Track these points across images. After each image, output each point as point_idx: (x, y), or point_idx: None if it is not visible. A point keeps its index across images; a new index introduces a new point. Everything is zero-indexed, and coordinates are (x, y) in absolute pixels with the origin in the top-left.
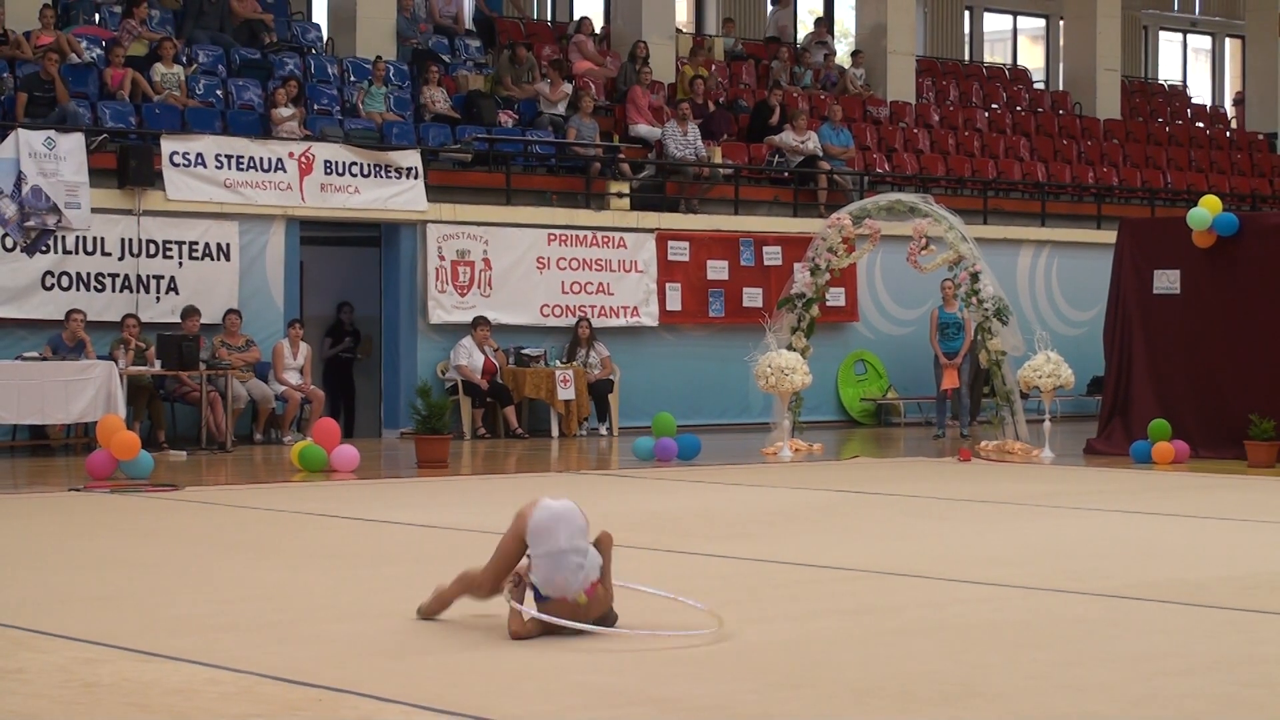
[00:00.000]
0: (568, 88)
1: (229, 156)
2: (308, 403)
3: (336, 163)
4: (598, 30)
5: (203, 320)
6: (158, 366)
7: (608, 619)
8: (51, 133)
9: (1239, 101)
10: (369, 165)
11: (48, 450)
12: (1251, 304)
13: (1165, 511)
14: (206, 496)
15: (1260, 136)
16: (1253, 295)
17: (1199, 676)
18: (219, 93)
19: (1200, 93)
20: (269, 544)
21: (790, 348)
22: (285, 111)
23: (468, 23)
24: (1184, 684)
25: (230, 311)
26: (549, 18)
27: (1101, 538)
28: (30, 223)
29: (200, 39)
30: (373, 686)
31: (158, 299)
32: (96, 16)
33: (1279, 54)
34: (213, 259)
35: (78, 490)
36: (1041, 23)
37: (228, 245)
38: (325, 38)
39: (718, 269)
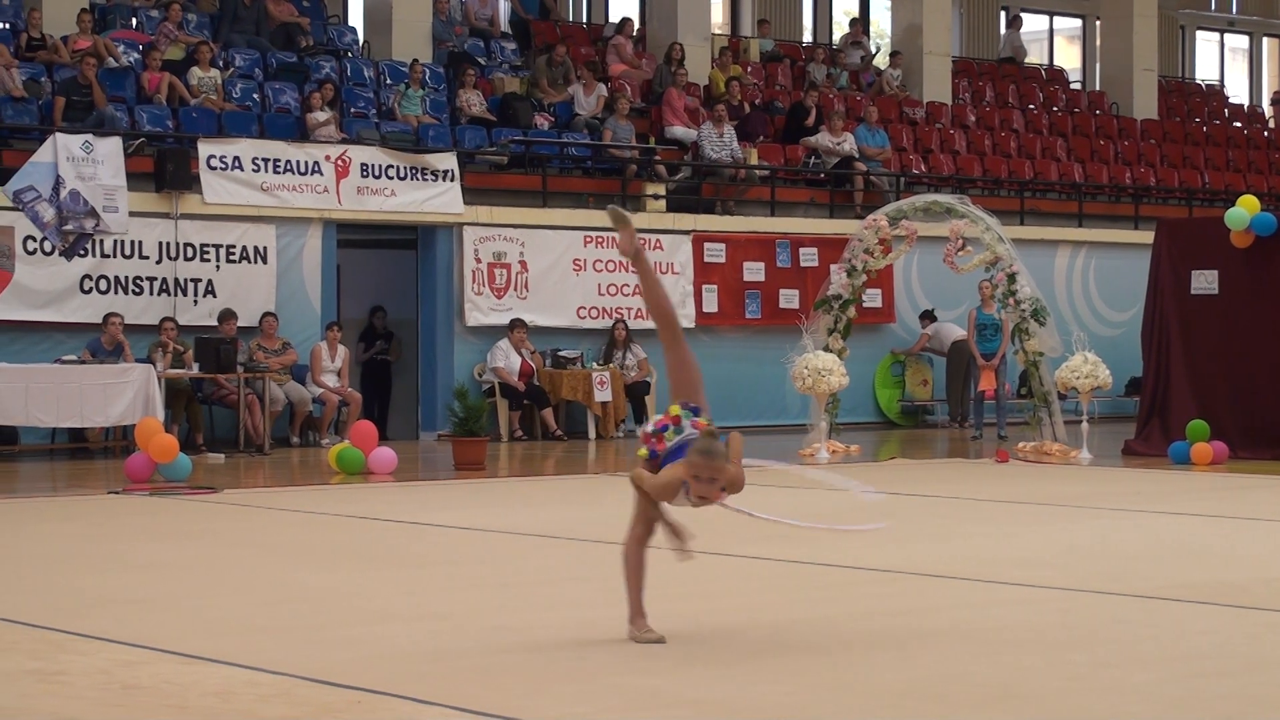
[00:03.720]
0: (602, 90)
1: (266, 160)
2: (345, 405)
3: (373, 165)
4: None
5: (240, 323)
6: (195, 369)
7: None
8: (89, 137)
9: (1276, 101)
10: (405, 168)
11: (86, 453)
12: None
13: (1204, 513)
14: (244, 499)
15: None
16: None
17: (1237, 678)
18: (255, 96)
19: (1237, 92)
20: (307, 546)
21: (827, 349)
22: (321, 116)
23: (503, 25)
24: (1222, 686)
25: (267, 314)
26: (584, 20)
27: (1139, 539)
28: (68, 226)
29: (236, 42)
30: (410, 689)
31: (195, 302)
32: (134, 21)
33: None
34: (250, 262)
35: (116, 493)
36: (1078, 23)
37: (265, 248)
38: (361, 41)
39: (754, 270)
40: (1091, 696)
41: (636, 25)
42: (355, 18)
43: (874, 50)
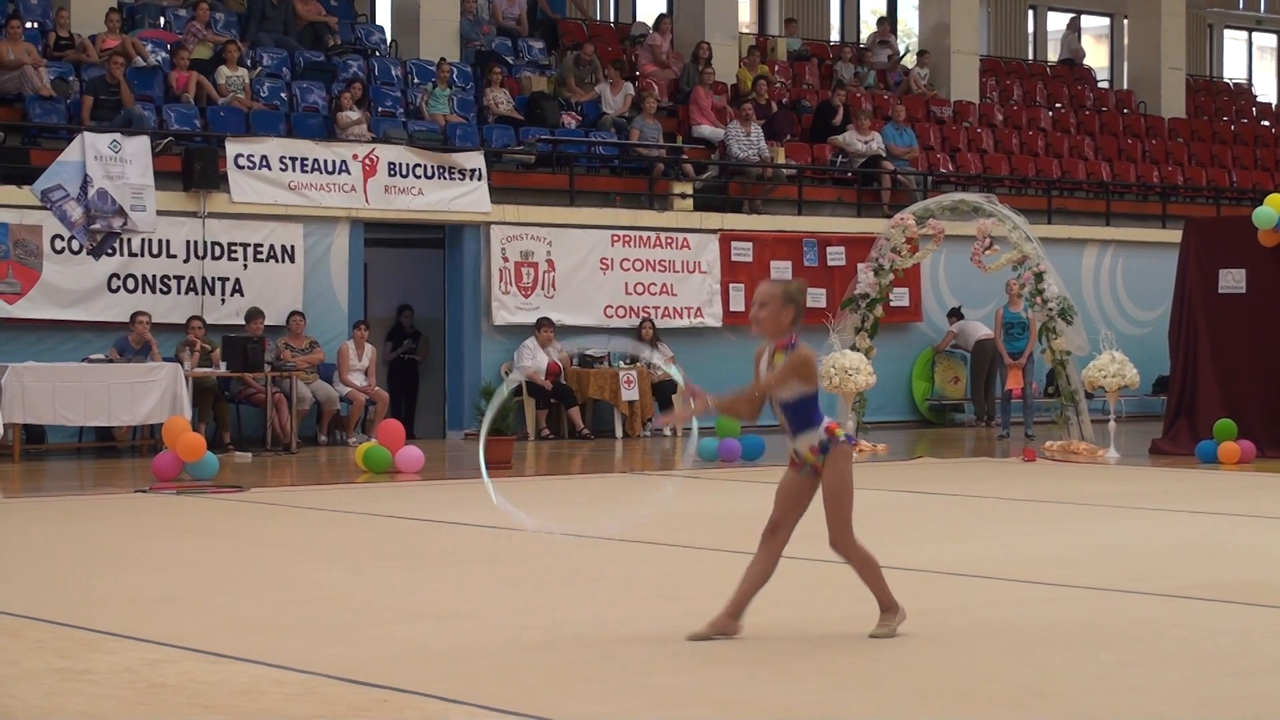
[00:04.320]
0: (629, 89)
1: (293, 159)
2: (372, 404)
3: (400, 164)
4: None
5: (267, 322)
6: (223, 368)
7: None
8: (117, 136)
9: None
10: (432, 167)
11: (114, 452)
12: None
13: (1231, 512)
14: (271, 498)
15: None
16: None
17: (1266, 677)
18: (283, 95)
19: (1265, 91)
20: (334, 545)
21: (854, 348)
22: (353, 115)
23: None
24: (1250, 685)
25: (295, 313)
26: (612, 19)
27: (1167, 538)
28: (96, 225)
29: (264, 42)
30: (438, 687)
31: (223, 301)
32: (162, 20)
33: None
34: (277, 261)
35: (144, 492)
36: (1106, 21)
37: (292, 247)
38: (389, 40)
39: (781, 269)
40: (1118, 696)
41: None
42: (383, 17)
43: (903, 51)
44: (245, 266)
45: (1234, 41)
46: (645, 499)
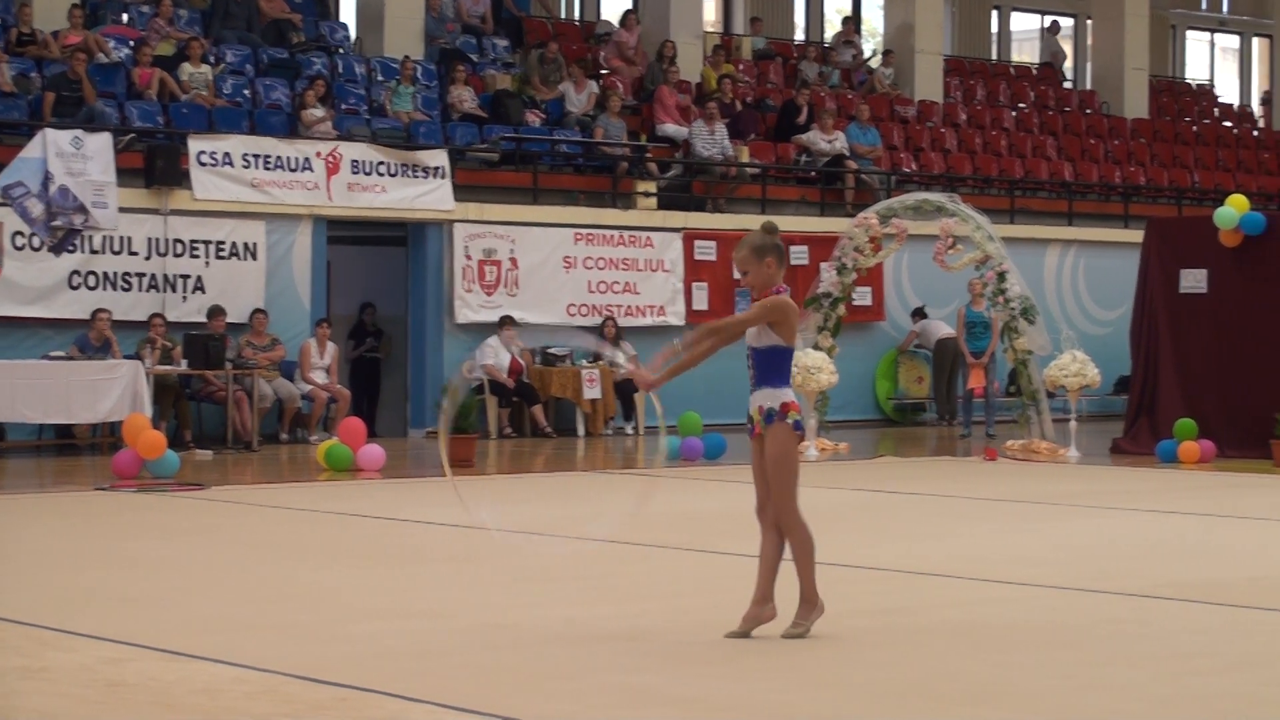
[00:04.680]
0: (594, 87)
1: (256, 156)
2: (334, 402)
3: (363, 162)
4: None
5: (229, 320)
6: (184, 366)
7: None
8: (79, 132)
9: (1266, 101)
10: (396, 165)
11: (74, 449)
12: (1278, 303)
13: (1192, 511)
14: (232, 496)
15: None
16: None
17: (1228, 676)
18: (246, 92)
19: (1227, 92)
20: (295, 543)
21: (817, 347)
22: (317, 112)
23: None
24: (1212, 684)
25: (257, 311)
26: (576, 17)
27: (1128, 537)
28: (57, 222)
29: (228, 38)
30: (399, 686)
31: (184, 298)
32: (124, 16)
33: None
34: (239, 258)
35: (104, 489)
36: (1069, 22)
37: (254, 245)
38: (353, 37)
39: None
40: (1081, 695)
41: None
42: (347, 14)
43: (869, 54)
44: (207, 264)
45: (1197, 42)
46: (634, 499)
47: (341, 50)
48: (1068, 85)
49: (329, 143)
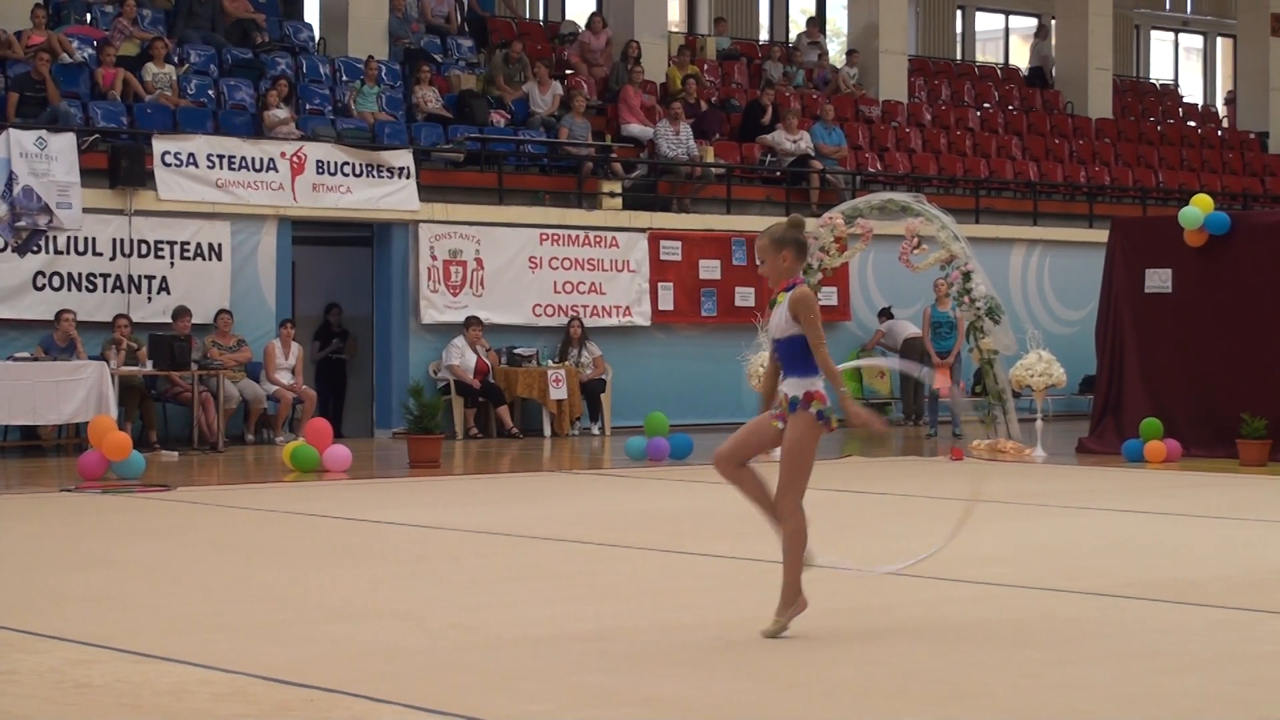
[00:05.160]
0: (558, 87)
1: (221, 156)
2: (300, 403)
3: (328, 162)
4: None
5: (194, 320)
6: (149, 367)
7: None
8: (43, 133)
9: (1230, 100)
10: (361, 165)
11: (39, 451)
12: (1243, 303)
13: (1158, 510)
14: (198, 497)
15: (1251, 135)
16: (1244, 294)
17: (1193, 675)
18: (211, 92)
19: (1192, 92)
20: (261, 544)
21: None
22: (280, 113)
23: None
24: (1177, 683)
25: (222, 312)
26: (541, 17)
27: (1094, 537)
28: (21, 223)
29: (192, 39)
30: (366, 687)
31: (149, 299)
32: (88, 16)
33: (1270, 53)
34: (204, 259)
35: (69, 491)
36: (1034, 21)
37: (219, 245)
38: (317, 37)
39: (710, 268)
40: (1047, 694)
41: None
42: (311, 14)
43: (841, 67)
44: (172, 264)
45: (1161, 42)
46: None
47: (306, 50)
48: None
49: (294, 143)
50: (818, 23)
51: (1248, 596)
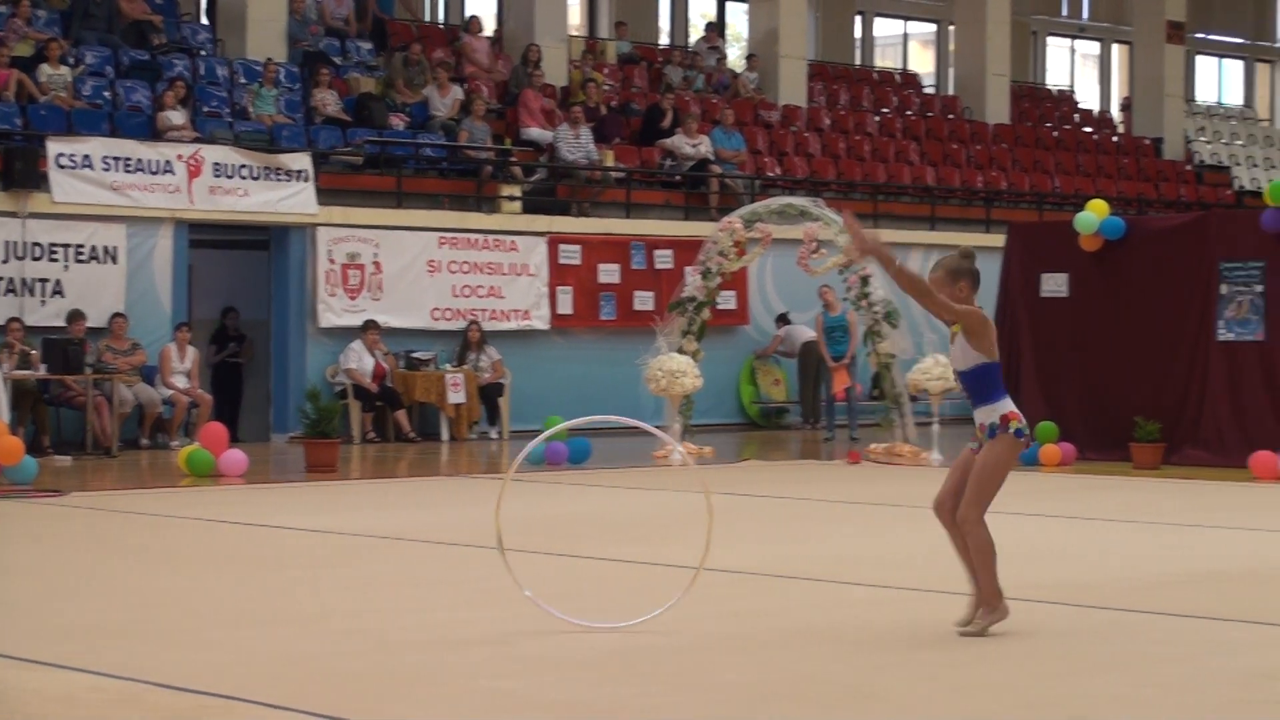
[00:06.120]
0: (458, 91)
1: (116, 159)
2: (195, 407)
3: (226, 165)
4: (490, 33)
5: (89, 324)
6: (43, 370)
7: None
8: None
9: (1126, 107)
10: (259, 168)
11: None
12: (1138, 307)
13: (1052, 513)
14: (92, 502)
15: (1146, 141)
16: (1139, 299)
17: (1088, 677)
18: (106, 94)
19: (1088, 98)
20: (156, 549)
21: (681, 351)
22: (175, 117)
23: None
24: (1075, 685)
25: (117, 315)
26: (441, 20)
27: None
28: None
29: (88, 40)
30: (262, 693)
31: (43, 302)
32: None
33: (1165, 60)
34: (99, 262)
35: None
36: (932, 28)
37: (115, 248)
38: (215, 39)
39: (609, 272)
40: (946, 696)
41: (493, 26)
42: (209, 16)
43: (740, 72)
44: (66, 267)
45: (1057, 49)
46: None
47: (203, 52)
48: (929, 90)
49: (190, 145)
50: (717, 27)
51: (1143, 599)
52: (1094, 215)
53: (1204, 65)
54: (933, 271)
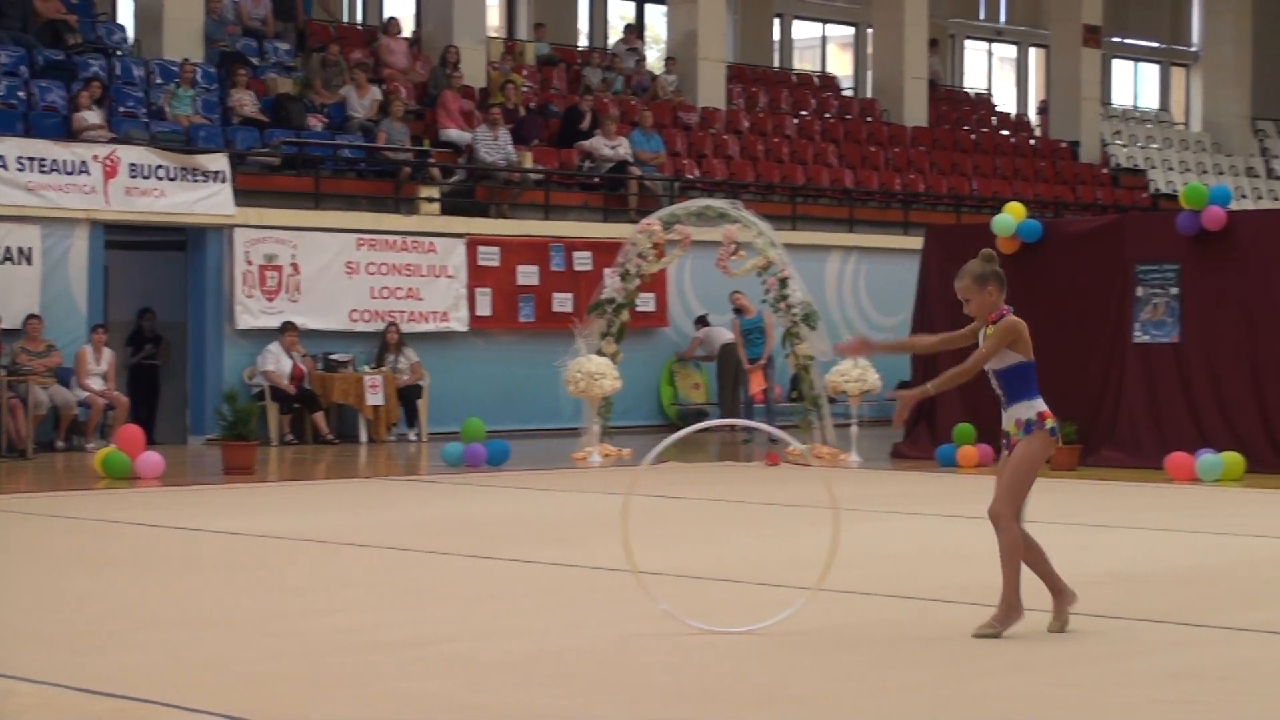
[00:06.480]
0: (376, 92)
1: (31, 159)
2: (111, 409)
3: (142, 166)
4: (409, 34)
5: (3, 325)
6: None
7: None
8: None
9: (1043, 110)
10: (175, 168)
11: None
12: (1054, 310)
13: (969, 515)
14: (6, 505)
15: (1063, 145)
16: (1056, 301)
17: (1007, 677)
18: (21, 94)
19: (1005, 101)
20: (72, 552)
21: (600, 353)
22: (91, 118)
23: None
24: (992, 685)
25: (31, 316)
26: (359, 20)
27: (908, 541)
28: None
29: (1, 39)
30: (179, 697)
31: None
32: None
33: (1081, 63)
34: (14, 263)
35: None
36: (850, 31)
37: (29, 249)
38: (131, 39)
39: (528, 274)
40: (863, 698)
41: (412, 27)
42: (125, 15)
43: (659, 74)
44: None
45: (975, 52)
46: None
47: (119, 52)
48: (847, 93)
49: (106, 146)
50: (636, 29)
51: None
52: (1011, 218)
53: (1120, 69)
54: (958, 280)
